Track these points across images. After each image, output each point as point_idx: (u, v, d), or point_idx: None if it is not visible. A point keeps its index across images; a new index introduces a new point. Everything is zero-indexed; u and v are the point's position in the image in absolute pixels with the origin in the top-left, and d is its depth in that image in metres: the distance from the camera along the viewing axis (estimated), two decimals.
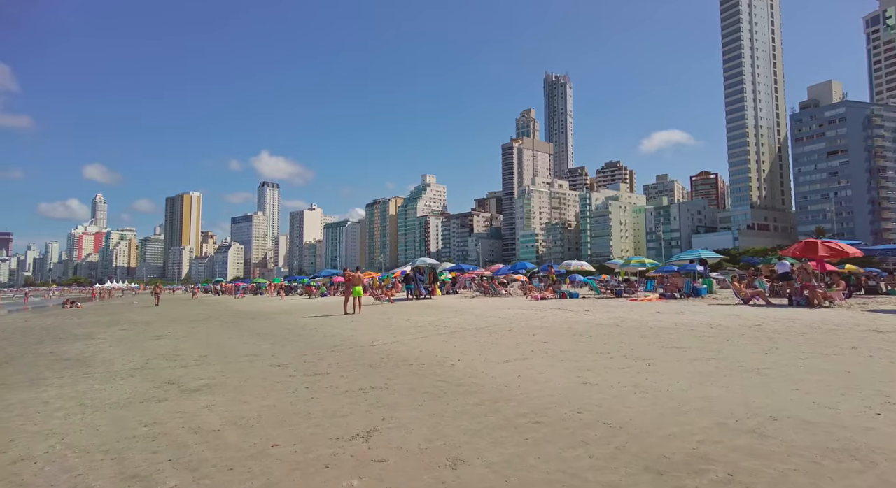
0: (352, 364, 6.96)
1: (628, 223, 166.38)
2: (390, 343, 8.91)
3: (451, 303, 20.75)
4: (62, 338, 12.51)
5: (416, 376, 5.97)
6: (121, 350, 9.56)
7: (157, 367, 7.40)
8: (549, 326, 10.39)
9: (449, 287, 29.11)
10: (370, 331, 11.04)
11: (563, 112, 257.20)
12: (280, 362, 7.39)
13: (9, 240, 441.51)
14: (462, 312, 14.78)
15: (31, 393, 5.93)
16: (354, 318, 14.48)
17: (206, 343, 10.34)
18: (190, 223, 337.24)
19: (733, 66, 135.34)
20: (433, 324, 11.60)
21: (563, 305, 16.27)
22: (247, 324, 15.14)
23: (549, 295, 20.75)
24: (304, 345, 9.30)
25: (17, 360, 8.77)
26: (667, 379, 5.28)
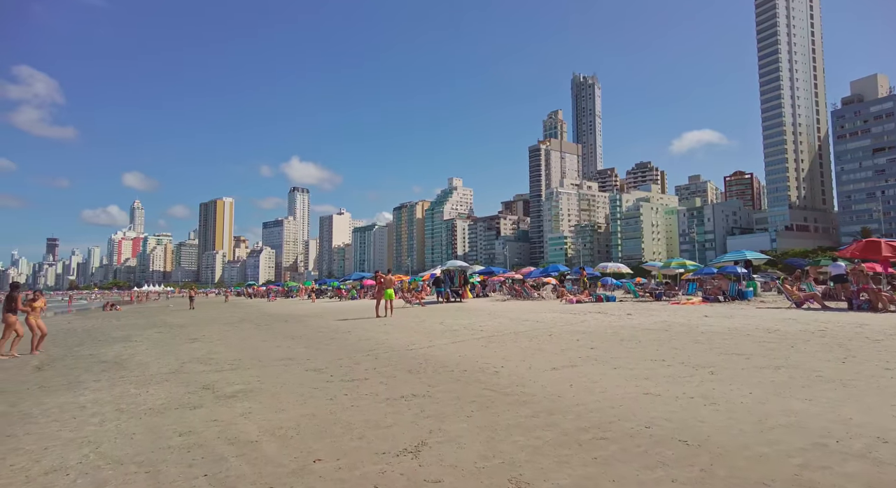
0: (389, 369, 6.67)
1: (660, 225, 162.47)
2: (427, 347, 8.60)
3: (482, 306, 20.36)
4: (101, 340, 12.65)
5: (458, 383, 5.62)
6: (156, 353, 9.53)
7: (191, 371, 7.27)
8: (591, 331, 9.90)
9: (479, 290, 28.71)
10: (404, 334, 10.76)
11: (592, 113, 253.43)
12: (316, 366, 7.16)
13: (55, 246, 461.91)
14: (496, 316, 14.39)
15: (69, 396, 5.84)
16: (387, 321, 14.25)
17: (240, 346, 10.24)
18: (223, 228, 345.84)
19: (769, 61, 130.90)
20: (468, 328, 11.25)
21: (601, 309, 15.69)
22: (279, 326, 15.09)
23: (585, 298, 20.13)
24: (339, 348, 9.08)
25: (59, 362, 8.81)
26: (737, 390, 4.79)
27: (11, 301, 9.88)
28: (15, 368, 8.35)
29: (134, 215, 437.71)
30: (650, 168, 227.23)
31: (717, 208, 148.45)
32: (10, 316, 9.72)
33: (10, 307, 9.81)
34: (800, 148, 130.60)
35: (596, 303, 19.17)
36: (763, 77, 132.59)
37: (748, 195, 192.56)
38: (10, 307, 9.81)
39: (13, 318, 9.73)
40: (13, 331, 9.71)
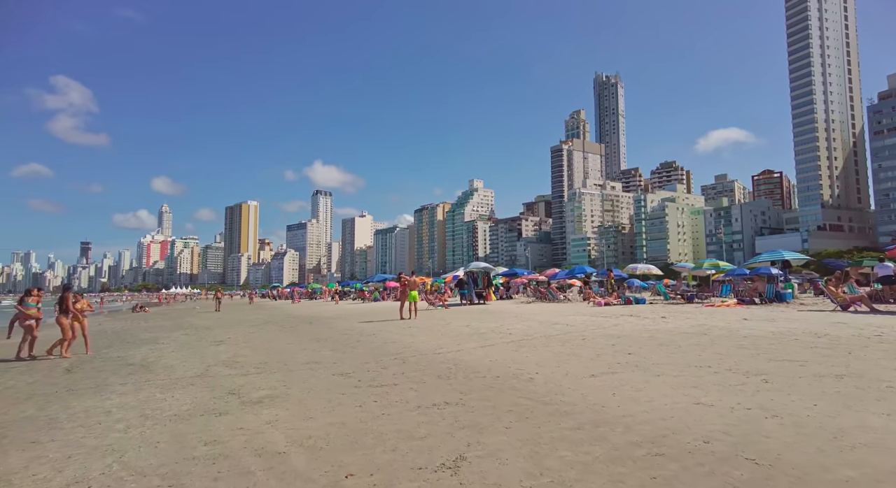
0: (418, 374, 6.42)
1: (686, 225, 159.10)
2: (455, 351, 8.34)
3: (507, 308, 20.01)
4: (129, 342, 12.74)
5: (492, 390, 5.34)
6: (182, 355, 9.48)
7: (217, 375, 7.15)
8: (626, 335, 9.50)
9: (503, 292, 28.33)
10: (430, 337, 10.52)
11: (615, 112, 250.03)
12: (342, 371, 6.96)
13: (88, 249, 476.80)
14: (523, 319, 14.04)
15: (96, 400, 5.75)
16: (411, 324, 14.03)
17: (265, 349, 10.14)
18: (248, 231, 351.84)
19: (800, 56, 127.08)
20: (496, 332, 10.94)
21: (632, 311, 15.19)
22: (304, 328, 15.02)
23: (613, 301, 19.60)
24: (365, 351, 8.88)
25: (88, 364, 8.82)
26: (799, 401, 4.40)
27: (62, 302, 9.91)
28: (47, 369, 8.38)
29: (162, 219, 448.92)
30: (675, 167, 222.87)
31: (745, 208, 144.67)
32: (62, 318, 9.77)
33: (62, 308, 9.85)
34: (833, 145, 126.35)
35: (625, 306, 18.64)
36: (793, 72, 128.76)
37: (777, 194, 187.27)
38: (62, 308, 9.85)
39: (65, 320, 9.77)
40: (68, 332, 9.79)
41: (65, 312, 9.82)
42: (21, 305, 10.28)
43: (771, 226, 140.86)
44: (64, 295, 10.04)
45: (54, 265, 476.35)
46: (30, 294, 10.54)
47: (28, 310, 10.15)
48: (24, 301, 10.34)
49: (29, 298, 10.35)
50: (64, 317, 9.78)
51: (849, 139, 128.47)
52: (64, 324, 9.74)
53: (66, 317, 9.80)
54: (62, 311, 9.81)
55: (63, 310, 9.82)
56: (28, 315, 10.10)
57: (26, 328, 10.06)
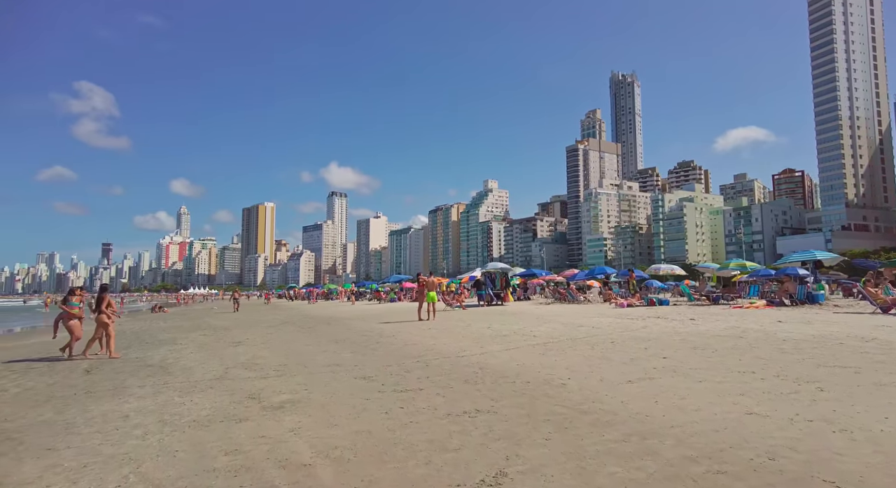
0: (444, 379, 6.16)
1: (705, 225, 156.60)
2: (479, 354, 8.06)
3: (526, 309, 19.66)
4: (148, 342, 12.70)
5: (524, 397, 5.05)
6: (201, 357, 9.35)
7: (236, 378, 6.97)
8: (656, 338, 9.12)
9: (520, 293, 27.97)
10: (452, 339, 10.26)
11: (631, 111, 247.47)
12: (365, 374, 6.73)
13: (110, 250, 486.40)
14: (546, 320, 13.70)
15: (113, 403, 5.59)
16: (431, 325, 13.79)
17: (284, 350, 9.97)
18: (264, 232, 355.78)
19: (824, 52, 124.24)
20: (519, 334, 10.64)
21: (658, 313, 14.75)
22: (322, 329, 14.88)
23: (636, 302, 19.13)
24: (386, 354, 8.65)
25: (107, 365, 8.74)
26: (865, 413, 4.04)
27: (100, 302, 9.82)
28: (67, 370, 8.30)
29: (180, 220, 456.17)
30: (693, 167, 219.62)
31: (765, 208, 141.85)
32: (102, 316, 9.69)
33: (99, 307, 9.77)
34: (858, 142, 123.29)
35: (649, 307, 18.18)
36: (816, 68, 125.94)
37: (799, 194, 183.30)
38: (99, 307, 9.77)
39: (106, 319, 9.69)
40: (103, 331, 9.72)
41: (100, 311, 9.73)
42: (65, 305, 10.18)
43: (793, 226, 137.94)
44: (102, 295, 9.92)
45: (77, 266, 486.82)
46: (73, 293, 10.39)
47: (72, 309, 10.06)
48: (68, 300, 10.21)
49: (72, 297, 10.24)
50: (104, 316, 9.70)
51: (875, 136, 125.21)
52: (104, 323, 9.65)
53: (105, 316, 9.72)
54: (99, 310, 9.72)
55: (99, 309, 9.72)
56: (72, 314, 10.02)
57: (70, 328, 10.01)
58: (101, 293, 10.07)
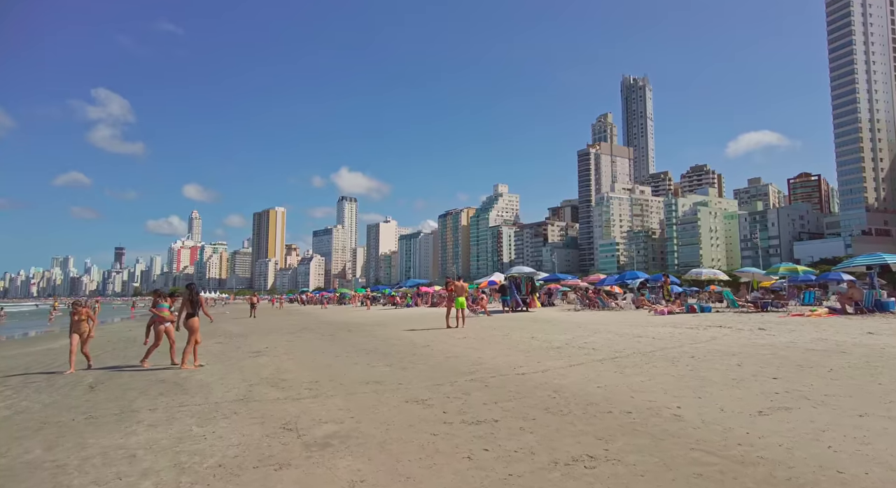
0: (516, 405, 5.05)
1: (719, 230, 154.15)
2: (541, 372, 6.93)
3: (558, 316, 18.50)
4: (160, 351, 11.68)
5: (642, 436, 3.92)
6: (219, 370, 8.31)
7: (263, 398, 5.91)
8: (738, 351, 7.94)
9: (544, 298, 26.77)
10: (497, 351, 9.14)
11: (643, 115, 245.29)
12: (416, 396, 5.64)
13: (122, 254, 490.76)
14: (592, 329, 12.53)
15: (118, 435, 4.54)
16: (464, 333, 12.68)
17: (311, 362, 8.91)
18: (275, 236, 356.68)
19: (842, 54, 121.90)
20: (573, 345, 9.49)
21: (710, 321, 13.52)
22: (344, 337, 13.84)
23: (676, 308, 17.90)
24: (429, 368, 7.55)
25: (114, 379, 7.73)
26: None
27: (196, 304, 8.57)
28: (69, 386, 7.30)
29: (192, 225, 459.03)
30: (706, 171, 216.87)
31: (782, 212, 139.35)
32: (195, 320, 8.54)
33: (195, 310, 8.57)
34: (878, 145, 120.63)
35: (691, 314, 16.95)
36: (835, 71, 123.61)
37: (815, 198, 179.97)
38: (195, 310, 8.57)
39: (195, 323, 8.55)
40: (195, 338, 8.66)
41: (195, 314, 8.59)
42: (155, 308, 9.18)
43: (810, 231, 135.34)
44: (194, 296, 8.64)
45: (90, 270, 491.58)
46: (162, 296, 9.34)
47: (161, 311, 9.06)
48: (158, 303, 9.21)
49: (162, 300, 9.21)
50: (196, 319, 8.59)
51: (895, 139, 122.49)
52: (194, 327, 8.54)
53: (197, 319, 8.63)
54: (193, 314, 8.58)
55: (195, 313, 8.59)
56: (163, 318, 9.02)
57: (160, 333, 9.01)
58: (192, 293, 8.67)
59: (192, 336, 8.58)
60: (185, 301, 8.64)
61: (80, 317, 8.89)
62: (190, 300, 8.60)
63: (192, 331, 8.54)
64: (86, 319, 8.98)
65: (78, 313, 8.92)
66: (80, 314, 8.92)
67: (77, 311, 8.96)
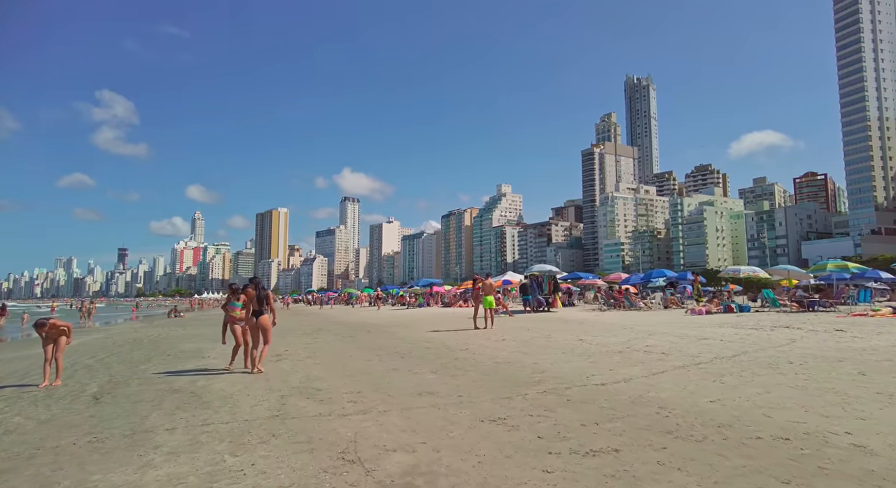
0: (624, 426, 4.05)
1: (725, 230, 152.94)
2: (621, 381, 5.93)
3: (588, 317, 17.49)
4: (170, 354, 10.73)
5: (843, 481, 2.92)
6: (240, 378, 7.32)
7: (301, 414, 4.92)
8: (843, 357, 6.92)
9: (564, 298, 25.74)
10: (551, 355, 8.14)
11: (647, 115, 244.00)
12: (488, 413, 4.64)
13: (125, 255, 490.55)
14: (646, 332, 11.52)
15: (130, 467, 3.56)
16: (499, 335, 11.67)
17: (341, 367, 7.92)
18: (278, 237, 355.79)
19: (851, 52, 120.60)
20: (636, 349, 8.49)
21: (769, 321, 12.48)
22: (365, 338, 12.87)
23: (714, 308, 16.87)
24: (483, 377, 6.55)
25: (121, 389, 6.75)
26: None
27: (263, 300, 7.63)
28: (70, 397, 6.33)
29: (195, 226, 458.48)
30: (711, 170, 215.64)
31: (789, 211, 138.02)
32: (265, 318, 7.62)
33: (262, 307, 7.65)
34: (887, 144, 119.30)
35: (730, 314, 15.94)
36: (843, 68, 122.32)
37: (822, 198, 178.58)
38: (262, 307, 7.65)
39: (266, 321, 7.62)
40: (268, 339, 7.71)
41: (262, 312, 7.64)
42: (227, 306, 8.06)
43: (818, 231, 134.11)
44: (262, 293, 7.69)
45: (94, 271, 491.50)
46: (235, 291, 8.14)
47: (232, 311, 7.95)
48: (229, 301, 8.09)
49: (234, 298, 8.03)
50: (266, 316, 7.62)
51: None
52: (265, 327, 7.58)
53: (267, 318, 7.68)
54: (262, 309, 7.62)
55: (261, 311, 7.63)
56: (233, 318, 7.91)
57: (236, 334, 7.90)
58: (260, 290, 7.72)
59: (264, 336, 7.61)
60: (250, 298, 7.64)
61: (46, 333, 7.36)
62: (257, 297, 7.64)
63: (263, 330, 7.58)
64: (55, 337, 7.41)
65: (46, 332, 7.37)
66: (49, 332, 7.37)
67: (41, 331, 7.37)
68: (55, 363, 7.46)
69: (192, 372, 7.90)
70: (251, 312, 7.60)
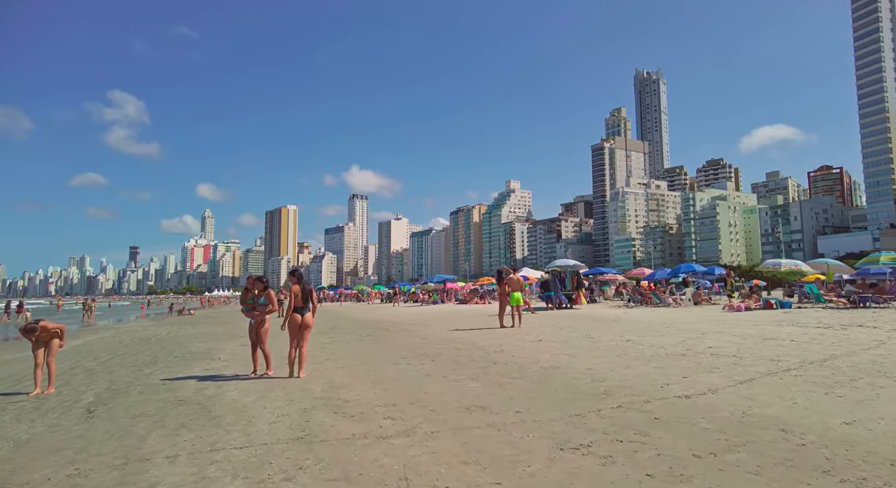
0: (753, 460, 3.12)
1: (738, 224, 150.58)
2: (707, 392, 4.98)
3: (618, 314, 16.49)
4: (177, 356, 9.92)
5: None
6: (254, 385, 6.45)
7: (331, 436, 4.03)
8: None
9: (587, 294, 24.72)
10: (601, 359, 7.20)
11: (657, 109, 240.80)
12: (566, 438, 3.72)
13: (137, 253, 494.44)
14: (697, 331, 10.54)
15: None
16: (534, 335, 10.74)
17: (366, 372, 7.04)
18: (287, 235, 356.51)
19: (868, 42, 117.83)
20: (697, 351, 7.53)
21: (832, 319, 11.43)
22: (384, 337, 12.02)
23: (753, 304, 15.82)
24: (534, 386, 5.63)
25: (120, 399, 5.92)
26: None
27: (307, 296, 6.68)
28: (61, 409, 5.51)
29: (205, 224, 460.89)
30: (723, 165, 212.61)
31: (805, 205, 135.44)
32: (308, 317, 6.68)
33: (306, 304, 6.70)
34: None
35: (769, 311, 14.90)
36: (860, 59, 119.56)
37: (837, 192, 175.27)
38: (306, 304, 6.70)
39: (312, 320, 6.74)
40: (305, 338, 6.77)
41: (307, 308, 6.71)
42: (244, 303, 7.21)
43: (834, 225, 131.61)
44: (305, 285, 6.72)
45: (106, 269, 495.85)
46: (260, 281, 7.25)
47: (261, 307, 7.06)
48: (246, 297, 7.20)
49: (250, 293, 7.16)
50: (310, 314, 6.71)
51: None
52: (309, 325, 6.66)
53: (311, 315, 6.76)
54: (306, 306, 6.70)
55: (305, 307, 6.68)
56: (255, 315, 7.07)
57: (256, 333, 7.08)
58: (304, 283, 6.76)
59: (303, 337, 6.68)
60: (295, 293, 6.60)
61: (36, 338, 6.48)
62: (302, 292, 6.63)
63: (305, 328, 6.63)
64: (46, 341, 6.55)
65: (37, 337, 6.47)
66: (39, 335, 6.47)
67: (30, 336, 6.47)
68: (47, 368, 6.66)
69: (201, 378, 7.06)
70: (292, 309, 6.60)
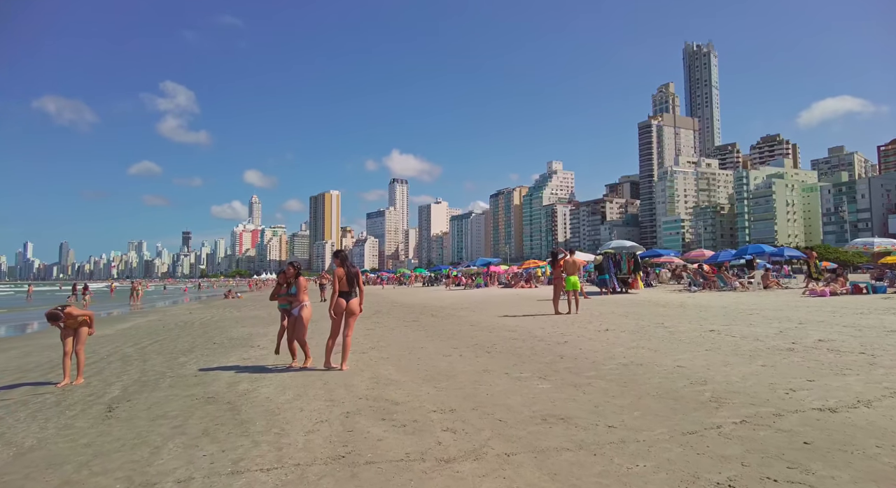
0: None
1: (797, 203, 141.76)
2: (858, 404, 3.88)
3: (682, 299, 15.14)
4: (216, 342, 9.46)
5: None
6: (291, 381, 5.75)
7: (378, 454, 3.22)
8: None
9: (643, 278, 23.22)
10: (690, 354, 6.12)
11: (707, 84, 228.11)
12: (689, 469, 2.76)
13: (189, 238, 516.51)
14: (794, 320, 9.24)
15: None
16: (598, 324, 9.69)
17: (415, 365, 6.25)
18: (331, 219, 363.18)
19: None
20: (804, 344, 6.33)
21: None
22: (430, 323, 11.29)
23: (840, 288, 14.13)
24: (620, 388, 4.66)
25: (146, 393, 5.36)
26: None
27: (353, 280, 6.00)
28: (80, 406, 4.97)
29: (252, 209, 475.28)
30: (779, 141, 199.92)
31: (874, 182, 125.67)
32: (354, 303, 6.07)
33: (352, 289, 6.02)
34: None
35: (858, 295, 13.22)
36: None
37: None
38: (352, 289, 6.02)
39: (355, 305, 6.07)
40: (351, 327, 6.17)
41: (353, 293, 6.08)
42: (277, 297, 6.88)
43: None
44: (354, 269, 6.03)
45: (161, 253, 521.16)
46: (294, 267, 6.83)
47: (289, 299, 6.66)
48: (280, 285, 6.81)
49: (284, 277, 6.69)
50: (356, 299, 6.05)
51: None
52: (354, 311, 6.00)
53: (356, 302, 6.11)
54: (352, 291, 6.04)
55: (353, 292, 6.07)
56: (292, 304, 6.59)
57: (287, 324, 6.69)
58: (349, 266, 6.01)
59: (348, 325, 6.02)
60: (339, 277, 5.90)
61: (64, 324, 6.01)
62: (347, 276, 5.92)
63: (350, 315, 5.94)
64: (75, 328, 6.09)
65: (64, 323, 6.00)
66: (66, 322, 6.00)
67: (56, 323, 5.96)
68: (76, 357, 6.20)
69: (236, 369, 6.44)
70: (338, 294, 5.87)
